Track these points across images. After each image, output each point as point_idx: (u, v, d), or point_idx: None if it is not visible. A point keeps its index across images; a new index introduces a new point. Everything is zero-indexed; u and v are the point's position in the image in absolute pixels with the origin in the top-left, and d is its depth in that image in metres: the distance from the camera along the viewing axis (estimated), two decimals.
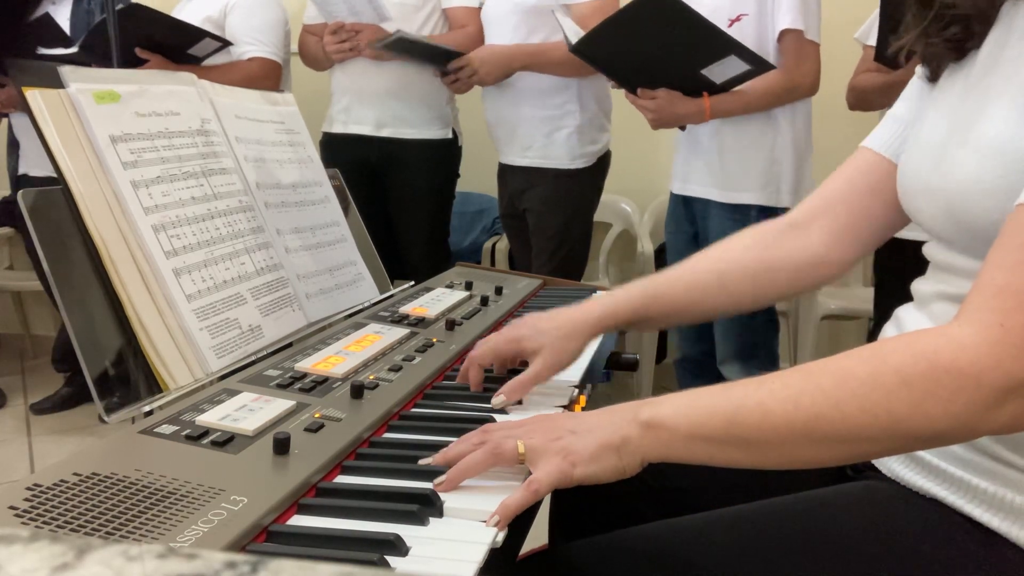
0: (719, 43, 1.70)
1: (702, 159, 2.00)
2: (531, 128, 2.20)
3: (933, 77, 0.79)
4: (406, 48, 2.17)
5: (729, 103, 1.87)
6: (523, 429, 0.69)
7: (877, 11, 2.12)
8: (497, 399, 0.83)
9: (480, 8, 2.33)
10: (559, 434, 0.68)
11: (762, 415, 0.63)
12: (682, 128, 1.98)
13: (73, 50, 2.23)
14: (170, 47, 2.26)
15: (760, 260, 0.92)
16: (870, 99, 2.14)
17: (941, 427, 0.59)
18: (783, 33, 1.84)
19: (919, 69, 0.82)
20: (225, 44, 2.30)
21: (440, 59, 2.20)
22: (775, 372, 0.66)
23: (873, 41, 2.10)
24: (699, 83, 1.82)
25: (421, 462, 0.69)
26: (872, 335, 2.23)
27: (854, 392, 0.60)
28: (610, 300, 0.93)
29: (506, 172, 2.33)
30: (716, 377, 2.14)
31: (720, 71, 1.77)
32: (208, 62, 2.33)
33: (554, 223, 2.22)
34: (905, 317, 0.80)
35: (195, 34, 2.23)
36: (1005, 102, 0.66)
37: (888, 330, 0.83)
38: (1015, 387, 0.57)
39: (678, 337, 2.23)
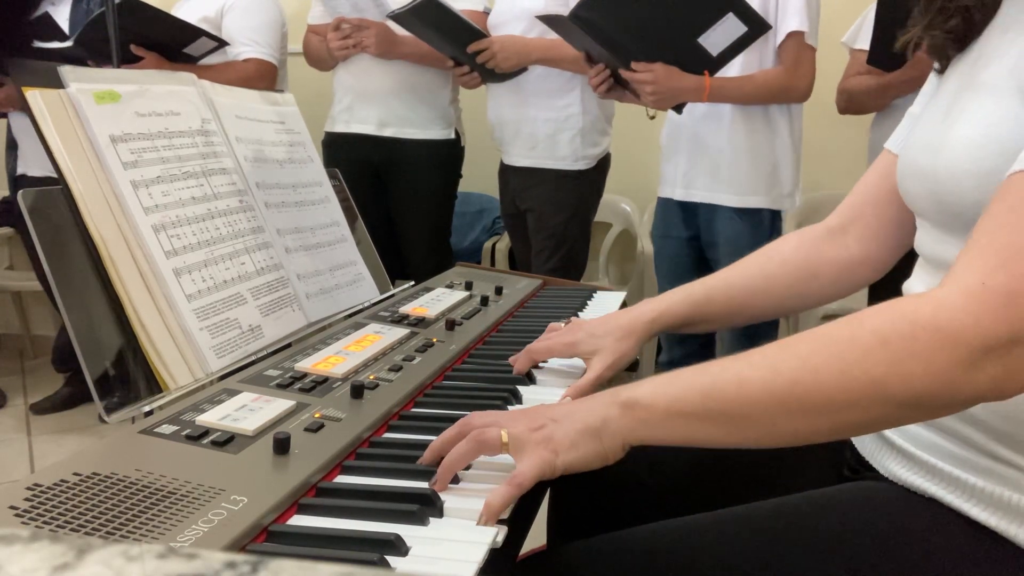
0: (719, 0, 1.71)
1: (706, 164, 2.00)
2: (535, 129, 2.22)
3: (941, 69, 0.81)
4: (430, 17, 2.08)
5: (728, 86, 1.88)
6: (505, 417, 0.69)
7: (864, 15, 2.13)
8: (564, 400, 0.86)
9: (484, 11, 2.34)
10: (541, 422, 0.67)
11: (739, 385, 0.62)
12: (678, 111, 1.97)
13: (68, 44, 2.22)
14: (166, 45, 2.25)
15: (803, 265, 0.94)
16: (863, 101, 2.14)
17: (920, 387, 0.57)
18: (789, 35, 1.85)
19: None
20: (221, 44, 2.30)
21: (460, 37, 2.15)
22: (756, 348, 0.65)
23: (860, 45, 2.11)
24: (696, 56, 1.82)
25: (419, 462, 0.69)
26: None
27: (831, 354, 0.59)
28: (662, 303, 0.96)
29: (507, 171, 2.34)
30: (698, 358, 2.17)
31: (716, 39, 1.77)
32: (204, 62, 2.33)
33: (553, 222, 2.23)
34: None
35: (192, 33, 2.23)
36: (992, 89, 0.67)
37: None
38: (994, 346, 0.55)
39: (666, 341, 2.25)
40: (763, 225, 1.97)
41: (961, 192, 0.67)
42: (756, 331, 2.01)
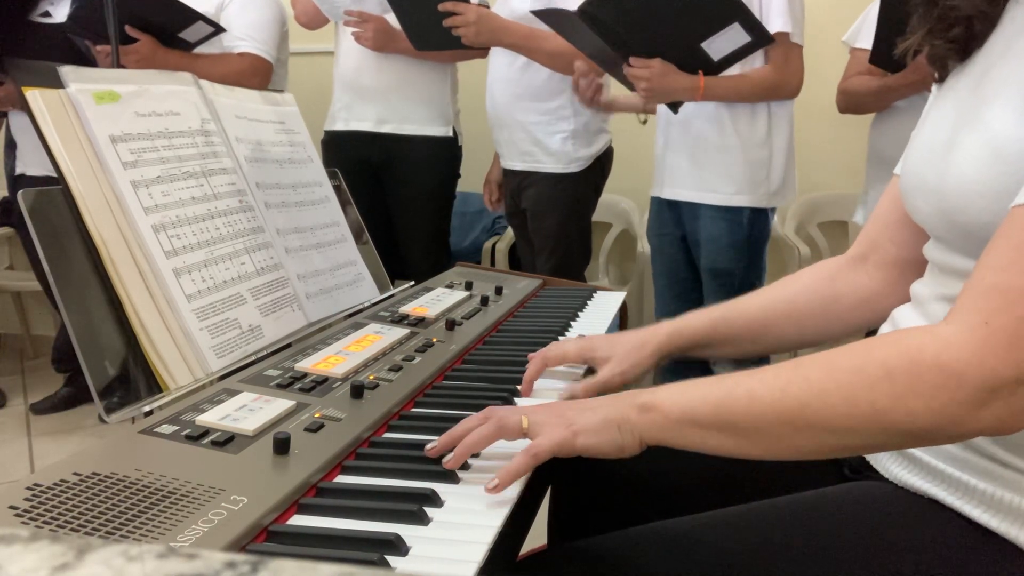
0: (725, 8, 1.72)
1: (688, 163, 2.01)
2: (525, 133, 2.22)
3: (940, 78, 0.79)
4: None
5: (721, 86, 1.89)
6: (528, 408, 0.72)
7: (865, 14, 2.13)
8: (565, 395, 0.89)
9: (481, 6, 2.34)
10: (563, 412, 0.71)
11: (749, 401, 0.65)
12: (674, 109, 1.98)
13: (61, 20, 2.22)
14: (161, 28, 2.24)
15: (825, 287, 0.93)
16: (864, 102, 2.14)
17: (923, 423, 0.59)
18: (775, 35, 1.86)
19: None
20: (218, 30, 2.27)
21: None
22: (769, 365, 0.67)
23: (861, 44, 2.11)
24: (697, 59, 1.82)
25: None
26: (870, 336, 2.22)
27: (839, 382, 0.62)
28: (679, 321, 0.96)
29: (507, 172, 2.35)
30: (698, 373, 2.16)
31: (719, 45, 1.79)
32: (198, 50, 2.32)
33: (549, 223, 2.24)
34: (901, 319, 0.80)
35: (189, 16, 2.21)
36: (1003, 102, 0.65)
37: (885, 331, 0.83)
38: (998, 386, 0.56)
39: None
40: (743, 223, 1.98)
41: (972, 211, 0.66)
42: None
